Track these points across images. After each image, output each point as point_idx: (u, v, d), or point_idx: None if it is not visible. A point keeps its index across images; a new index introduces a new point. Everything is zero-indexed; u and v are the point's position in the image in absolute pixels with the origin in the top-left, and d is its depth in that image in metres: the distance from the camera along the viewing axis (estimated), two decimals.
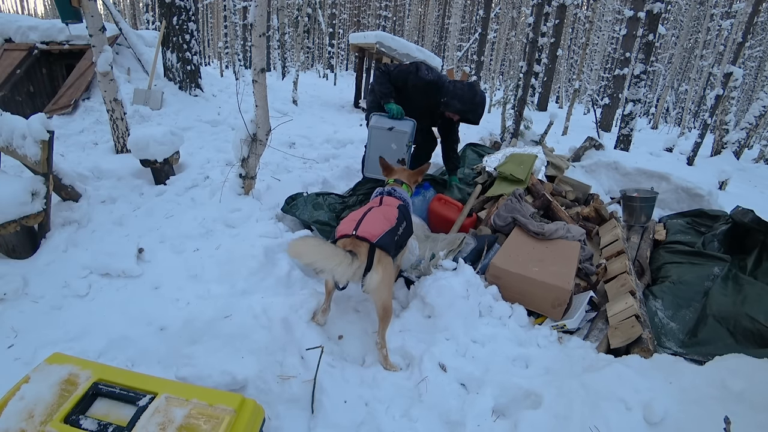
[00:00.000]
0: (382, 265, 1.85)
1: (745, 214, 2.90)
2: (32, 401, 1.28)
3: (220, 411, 1.28)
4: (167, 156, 3.43)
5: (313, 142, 5.15)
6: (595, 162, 4.69)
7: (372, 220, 1.98)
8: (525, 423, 1.63)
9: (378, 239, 1.87)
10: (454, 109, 3.18)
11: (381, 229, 1.93)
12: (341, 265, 1.67)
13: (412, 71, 3.24)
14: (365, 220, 1.96)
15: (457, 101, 3.15)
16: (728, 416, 1.38)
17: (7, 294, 2.18)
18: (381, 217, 2.04)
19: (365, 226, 1.91)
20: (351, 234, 1.86)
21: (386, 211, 2.13)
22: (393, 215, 2.11)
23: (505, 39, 22.10)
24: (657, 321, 2.33)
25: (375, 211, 2.07)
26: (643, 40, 7.18)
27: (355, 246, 1.82)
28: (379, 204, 2.24)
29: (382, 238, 1.90)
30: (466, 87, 3.18)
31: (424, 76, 3.22)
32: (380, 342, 1.99)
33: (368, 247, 1.83)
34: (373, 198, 2.46)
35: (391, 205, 2.23)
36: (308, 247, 1.65)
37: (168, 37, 5.84)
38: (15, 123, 2.61)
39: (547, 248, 2.70)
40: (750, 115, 9.55)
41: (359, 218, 1.97)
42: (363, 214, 2.02)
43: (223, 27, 21.57)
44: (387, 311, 1.97)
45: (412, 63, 3.31)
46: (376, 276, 1.81)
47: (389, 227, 1.99)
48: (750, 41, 17.53)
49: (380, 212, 2.09)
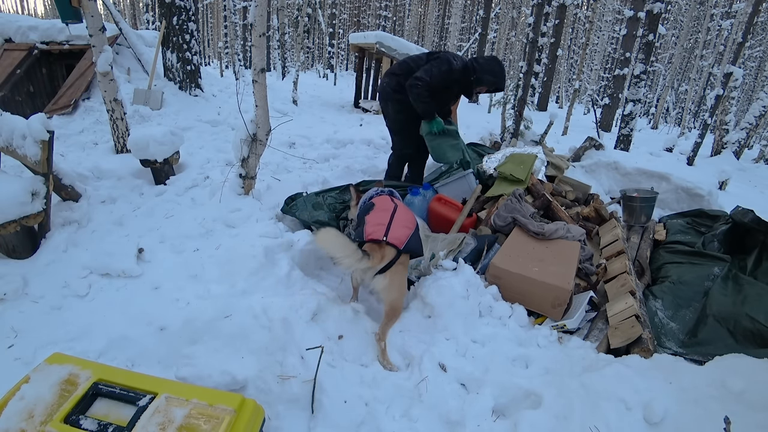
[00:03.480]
0: (396, 269, 2.04)
1: (745, 214, 2.90)
2: (32, 401, 1.29)
3: (220, 411, 1.28)
4: (167, 156, 3.43)
5: (313, 142, 5.15)
6: (595, 162, 4.69)
7: (399, 226, 2.15)
8: (525, 423, 1.63)
9: (405, 245, 2.08)
10: (487, 82, 3.29)
11: (406, 235, 2.14)
12: (349, 257, 1.85)
13: (446, 70, 3.22)
14: (393, 226, 2.13)
15: (489, 75, 3.25)
16: (728, 416, 1.38)
17: (7, 294, 2.18)
18: (406, 222, 2.25)
19: (394, 232, 2.08)
20: (382, 240, 2.03)
21: (406, 214, 2.33)
22: (413, 218, 2.33)
23: (505, 39, 22.11)
24: (657, 321, 2.33)
25: (400, 217, 2.24)
26: (643, 40, 7.18)
27: (382, 250, 2.01)
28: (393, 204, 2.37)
29: (408, 242, 2.12)
30: (491, 61, 3.30)
31: (457, 67, 3.26)
32: (379, 334, 2.03)
33: (395, 252, 2.04)
34: (374, 196, 2.54)
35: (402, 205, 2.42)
36: (329, 237, 1.87)
37: (168, 37, 5.84)
38: (15, 123, 2.61)
39: (547, 248, 2.70)
40: (750, 115, 9.55)
41: (387, 223, 2.13)
42: (390, 219, 2.18)
43: (223, 27, 21.57)
44: (395, 311, 2.09)
45: (438, 59, 3.27)
46: (384, 281, 2.01)
47: (411, 231, 2.20)
48: (750, 41, 17.53)
49: (405, 217, 2.29)
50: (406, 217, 2.30)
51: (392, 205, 2.32)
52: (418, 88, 3.14)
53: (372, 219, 2.19)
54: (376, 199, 2.46)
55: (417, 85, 3.14)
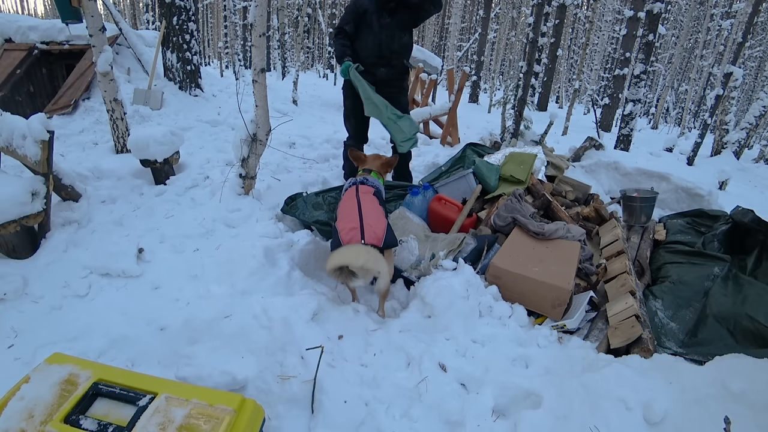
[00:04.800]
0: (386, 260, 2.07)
1: (745, 214, 2.90)
2: (32, 401, 1.28)
3: (220, 411, 1.28)
4: (167, 156, 3.43)
5: (313, 142, 5.15)
6: (595, 162, 4.68)
7: (371, 222, 2.15)
8: (525, 423, 1.63)
9: (384, 242, 2.10)
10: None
11: (382, 230, 2.14)
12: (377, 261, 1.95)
13: (351, 3, 3.11)
14: (365, 224, 2.12)
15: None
16: (728, 416, 1.38)
17: (7, 294, 2.18)
18: (375, 214, 2.25)
19: (368, 230, 2.09)
20: (361, 243, 2.04)
21: (371, 205, 2.33)
22: (379, 209, 2.34)
23: (505, 39, 22.11)
24: (657, 321, 2.33)
25: (367, 210, 2.23)
26: (643, 40, 7.18)
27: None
28: (356, 195, 2.37)
29: (386, 238, 2.13)
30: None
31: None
32: (381, 311, 2.32)
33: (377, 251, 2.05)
34: (347, 189, 2.55)
35: (368, 193, 2.43)
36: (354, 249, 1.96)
37: (168, 37, 5.84)
38: (15, 123, 2.61)
39: (547, 248, 2.70)
40: (750, 115, 9.56)
41: (359, 223, 2.12)
42: (359, 217, 2.17)
43: (223, 27, 21.57)
44: (388, 291, 2.32)
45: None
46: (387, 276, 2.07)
47: (387, 224, 2.22)
48: (750, 41, 17.54)
49: (371, 209, 2.28)
50: (372, 207, 2.30)
51: (355, 201, 2.31)
52: (334, 33, 3.19)
53: (343, 223, 2.19)
54: (345, 194, 2.50)
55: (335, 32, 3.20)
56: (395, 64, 3.34)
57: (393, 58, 3.29)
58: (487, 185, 3.55)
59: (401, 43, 3.28)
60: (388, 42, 3.20)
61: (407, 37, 3.32)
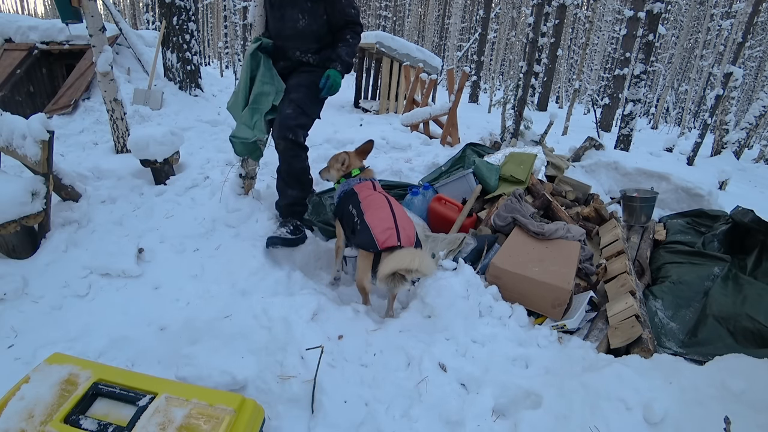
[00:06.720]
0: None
1: (745, 214, 2.90)
2: (32, 401, 1.28)
3: (220, 411, 1.28)
4: (167, 156, 3.42)
5: (313, 142, 5.12)
6: (595, 162, 4.69)
7: (404, 224, 2.18)
8: (525, 423, 1.63)
9: (416, 242, 2.16)
10: None
11: (414, 232, 2.20)
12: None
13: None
14: (399, 226, 2.13)
15: None
16: (728, 416, 1.38)
17: (7, 294, 2.17)
18: (404, 215, 2.29)
19: (403, 233, 2.11)
20: (397, 246, 2.06)
21: (398, 205, 2.34)
22: (403, 209, 2.37)
23: (505, 39, 22.13)
24: (657, 321, 2.33)
25: (398, 212, 2.25)
26: (643, 40, 7.18)
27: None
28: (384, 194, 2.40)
29: (417, 239, 2.18)
30: None
31: None
32: (390, 310, 2.35)
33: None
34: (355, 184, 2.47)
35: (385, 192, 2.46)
36: (410, 253, 1.96)
37: (168, 37, 5.84)
38: (15, 123, 2.61)
39: (547, 248, 2.70)
40: (750, 115, 9.57)
41: (393, 223, 2.14)
42: (393, 217, 2.17)
43: (223, 27, 21.58)
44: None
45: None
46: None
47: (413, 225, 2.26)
48: (750, 41, 17.53)
49: (400, 210, 2.29)
50: (399, 207, 2.31)
51: (383, 199, 2.29)
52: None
53: (375, 221, 2.13)
54: (359, 187, 2.42)
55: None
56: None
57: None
58: (487, 185, 3.55)
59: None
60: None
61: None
